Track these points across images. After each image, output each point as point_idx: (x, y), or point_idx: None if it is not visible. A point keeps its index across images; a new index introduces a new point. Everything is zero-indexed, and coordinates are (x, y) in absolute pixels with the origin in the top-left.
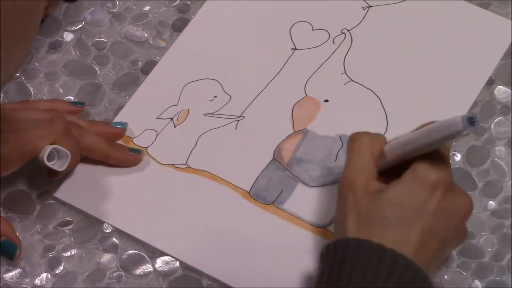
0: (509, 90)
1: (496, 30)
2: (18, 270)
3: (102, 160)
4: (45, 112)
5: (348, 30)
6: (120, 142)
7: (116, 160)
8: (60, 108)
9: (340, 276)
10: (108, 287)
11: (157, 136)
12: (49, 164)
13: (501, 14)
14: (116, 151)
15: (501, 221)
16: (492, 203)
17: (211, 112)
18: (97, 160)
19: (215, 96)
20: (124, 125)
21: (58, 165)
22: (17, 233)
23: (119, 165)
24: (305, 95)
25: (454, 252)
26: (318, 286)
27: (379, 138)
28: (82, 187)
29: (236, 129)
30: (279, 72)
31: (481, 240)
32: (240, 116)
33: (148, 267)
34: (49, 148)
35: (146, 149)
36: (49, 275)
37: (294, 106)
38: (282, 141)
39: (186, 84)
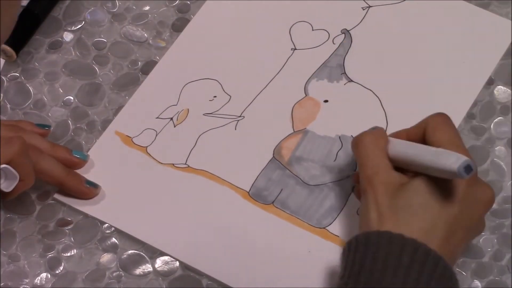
0: (509, 90)
1: (496, 30)
2: (18, 269)
3: (57, 186)
4: (7, 129)
5: (348, 30)
6: (120, 141)
7: (70, 189)
8: (26, 129)
9: (361, 268)
10: (108, 287)
11: (156, 135)
12: None
13: (501, 14)
14: (71, 181)
15: (501, 221)
16: None
17: (210, 112)
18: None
19: (215, 96)
20: (85, 156)
21: (5, 186)
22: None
23: (73, 195)
24: (305, 95)
25: None
26: (341, 281)
27: (380, 132)
28: None
29: (236, 129)
30: (279, 72)
31: (480, 240)
32: (240, 116)
33: (147, 267)
34: None
35: (146, 149)
36: (49, 275)
37: (294, 106)
38: (282, 140)
39: (186, 84)
